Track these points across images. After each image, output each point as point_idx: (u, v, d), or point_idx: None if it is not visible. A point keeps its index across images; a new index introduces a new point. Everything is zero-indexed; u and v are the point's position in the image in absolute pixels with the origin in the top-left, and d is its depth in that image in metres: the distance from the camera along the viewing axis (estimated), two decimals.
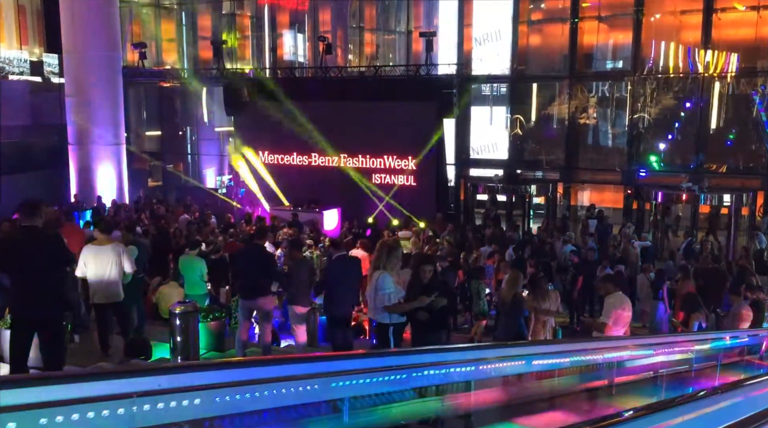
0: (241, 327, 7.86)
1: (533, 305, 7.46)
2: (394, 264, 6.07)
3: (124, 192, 20.40)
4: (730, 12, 18.25)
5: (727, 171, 18.18)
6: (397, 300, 5.96)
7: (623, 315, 6.12)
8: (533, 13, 20.71)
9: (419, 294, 5.77)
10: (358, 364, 3.57)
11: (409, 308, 5.91)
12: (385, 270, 6.02)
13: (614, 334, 6.00)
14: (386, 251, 6.12)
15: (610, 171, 19.12)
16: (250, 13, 24.95)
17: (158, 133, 24.59)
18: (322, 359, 3.62)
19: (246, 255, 8.03)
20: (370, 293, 6.12)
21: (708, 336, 7.25)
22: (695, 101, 18.42)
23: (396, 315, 6.03)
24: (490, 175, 19.56)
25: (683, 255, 13.92)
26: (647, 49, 18.88)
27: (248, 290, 7.65)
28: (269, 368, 3.19)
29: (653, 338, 7.03)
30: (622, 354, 5.32)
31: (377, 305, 5.98)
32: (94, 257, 7.21)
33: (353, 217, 18.32)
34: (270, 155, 20.88)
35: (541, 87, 20.77)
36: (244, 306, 7.79)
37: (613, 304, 6.12)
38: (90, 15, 19.22)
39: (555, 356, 4.57)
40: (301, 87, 20.29)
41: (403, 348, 5.51)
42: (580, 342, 5.45)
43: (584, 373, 5.13)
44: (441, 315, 5.79)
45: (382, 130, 18.90)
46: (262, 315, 7.81)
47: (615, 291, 6.25)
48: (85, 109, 19.59)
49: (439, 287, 5.93)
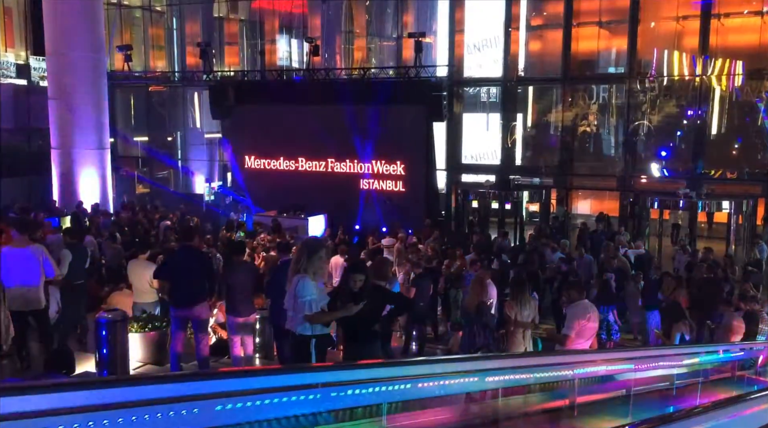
0: (174, 339, 7.13)
1: (511, 313, 6.77)
2: (318, 267, 5.22)
3: (108, 197, 19.92)
4: (733, 17, 17.86)
5: (726, 177, 17.59)
6: (320, 308, 5.18)
7: (588, 327, 5.48)
8: (526, 16, 20.28)
9: (348, 302, 5.11)
10: (242, 384, 3.00)
11: (334, 318, 5.28)
12: (306, 273, 5.17)
13: (578, 347, 5.39)
14: (307, 251, 5.24)
15: (605, 177, 18.56)
16: (240, 16, 24.59)
17: (146, 138, 24.14)
18: (196, 378, 3.04)
19: (177, 259, 7.24)
20: (288, 300, 5.26)
21: (688, 350, 6.63)
22: (693, 106, 17.93)
23: (319, 327, 5.23)
24: (482, 180, 18.99)
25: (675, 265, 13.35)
26: (643, 53, 18.47)
27: (180, 297, 6.94)
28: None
29: (622, 352, 6.40)
30: (585, 371, 4.72)
31: (296, 314, 5.15)
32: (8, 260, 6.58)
33: (340, 223, 17.78)
34: (256, 160, 20.40)
35: (533, 91, 20.31)
36: (176, 316, 7.08)
37: (576, 314, 5.47)
38: (73, 16, 18.78)
39: (496, 373, 3.98)
40: (289, 90, 19.82)
41: (311, 364, 4.84)
42: (530, 356, 4.84)
43: (541, 392, 4.54)
44: (385, 325, 5.19)
45: (370, 134, 18.41)
46: (198, 325, 7.10)
47: (579, 300, 5.61)
48: (67, 112, 19.13)
49: (373, 295, 5.30)
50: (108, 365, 5.95)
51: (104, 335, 6.01)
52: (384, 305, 5.36)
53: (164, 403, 2.82)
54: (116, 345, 6.04)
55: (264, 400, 3.05)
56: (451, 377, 3.61)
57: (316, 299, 5.11)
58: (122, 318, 6.27)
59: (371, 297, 5.14)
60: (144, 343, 7.35)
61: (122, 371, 6.09)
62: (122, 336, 6.16)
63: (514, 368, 4.37)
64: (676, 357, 6.00)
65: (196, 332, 7.08)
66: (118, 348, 6.07)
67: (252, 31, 24.31)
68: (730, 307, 8.33)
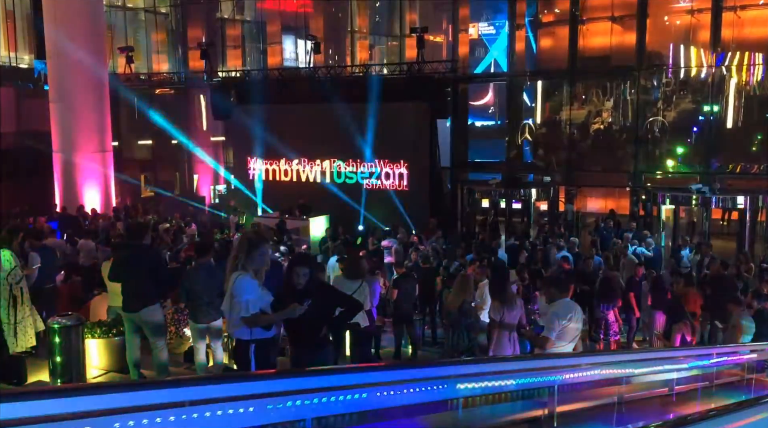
0: (130, 345, 6.71)
1: (497, 315, 6.32)
2: (258, 264, 4.74)
3: (111, 201, 19.75)
4: (750, 9, 17.34)
5: (741, 171, 16.99)
6: (260, 309, 4.71)
7: (569, 328, 5.01)
8: (533, 12, 19.91)
9: (291, 302, 4.61)
10: (150, 397, 2.62)
11: (275, 319, 4.78)
12: (244, 270, 4.69)
13: (560, 351, 4.95)
14: (246, 246, 4.74)
15: (615, 173, 18.03)
16: (243, 17, 24.38)
17: (150, 142, 23.94)
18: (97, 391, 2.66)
19: (124, 258, 6.76)
20: (225, 301, 4.80)
21: (687, 352, 6.16)
22: (706, 101, 17.38)
23: (259, 330, 4.73)
24: (488, 178, 18.54)
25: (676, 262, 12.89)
26: (652, 47, 17.98)
27: (129, 300, 6.50)
28: None
29: (609, 355, 5.93)
30: (565, 376, 4.29)
31: (233, 316, 4.68)
32: None
33: (343, 224, 17.42)
34: (258, 160, 20.13)
35: (542, 87, 19.85)
36: (128, 320, 6.66)
37: (557, 314, 5.01)
38: (74, 18, 18.62)
39: (460, 380, 3.58)
40: (291, 89, 19.52)
41: (245, 372, 4.41)
42: (499, 362, 4.40)
43: (515, 401, 4.12)
44: (337, 327, 4.77)
45: (374, 132, 18.02)
46: (151, 330, 6.64)
47: (561, 298, 5.14)
48: (69, 115, 18.99)
49: (319, 294, 4.80)
50: (63, 374, 5.60)
51: (57, 341, 5.66)
52: (333, 305, 4.92)
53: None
54: (71, 352, 5.69)
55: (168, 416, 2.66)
56: (384, 388, 3.23)
57: (254, 299, 4.65)
58: (77, 323, 5.91)
59: (318, 297, 4.70)
60: (107, 350, 7.00)
61: (78, 380, 5.74)
62: (77, 342, 5.81)
63: (466, 376, 3.94)
64: (673, 360, 5.54)
65: (150, 337, 6.66)
66: (73, 355, 5.70)
67: (255, 32, 24.09)
68: (739, 306, 7.82)
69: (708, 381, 6.84)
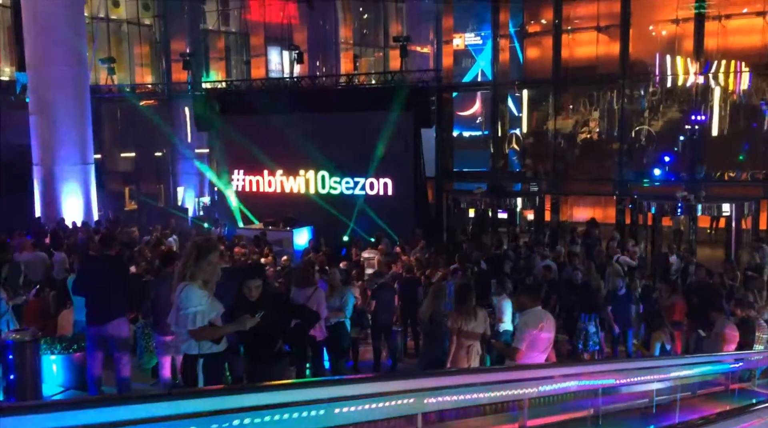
0: (91, 361, 6.43)
1: (455, 325, 6.12)
2: (208, 273, 4.42)
3: (92, 214, 19.47)
4: (734, 19, 17.41)
5: (726, 179, 16.94)
6: (209, 321, 4.39)
7: (541, 337, 4.81)
8: (517, 22, 19.91)
9: (243, 314, 4.38)
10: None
11: (225, 332, 4.50)
12: (192, 280, 4.39)
13: (531, 362, 4.75)
14: (195, 254, 4.43)
15: (600, 181, 17.94)
16: (227, 29, 24.27)
17: (133, 154, 23.71)
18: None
19: (91, 269, 6.52)
20: (171, 314, 4.52)
21: (666, 362, 5.98)
22: (691, 109, 17.37)
23: (207, 344, 4.41)
24: (473, 188, 18.42)
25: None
26: (638, 56, 18.07)
27: (95, 313, 6.24)
28: None
29: (582, 366, 5.74)
30: (536, 388, 4.09)
31: (180, 329, 4.42)
32: None
33: (328, 235, 17.23)
34: (241, 171, 19.94)
35: (527, 96, 19.81)
36: (91, 334, 6.37)
37: (527, 323, 4.81)
38: (54, 30, 18.40)
39: (408, 395, 3.38)
40: (274, 100, 19.35)
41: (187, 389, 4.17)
42: (461, 374, 4.18)
43: (480, 416, 3.92)
44: (293, 339, 4.54)
45: (357, 141, 17.87)
46: (116, 344, 6.36)
47: (532, 307, 4.95)
48: (49, 128, 18.77)
49: (274, 306, 4.60)
50: (17, 391, 5.35)
51: (11, 359, 5.41)
52: (288, 317, 4.70)
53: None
54: (25, 368, 5.43)
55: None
56: (338, 404, 3.03)
57: (203, 310, 4.36)
58: (32, 339, 5.65)
59: (272, 309, 4.47)
60: (68, 366, 6.74)
61: (32, 398, 5.49)
62: (33, 358, 5.56)
63: (418, 391, 3.73)
64: (653, 370, 5.35)
65: (114, 351, 6.38)
66: (28, 372, 5.45)
67: (239, 44, 23.98)
68: (722, 314, 7.65)
69: (690, 391, 6.66)
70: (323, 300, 7.08)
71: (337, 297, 7.66)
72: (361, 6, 24.51)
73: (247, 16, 24.45)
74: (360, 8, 24.79)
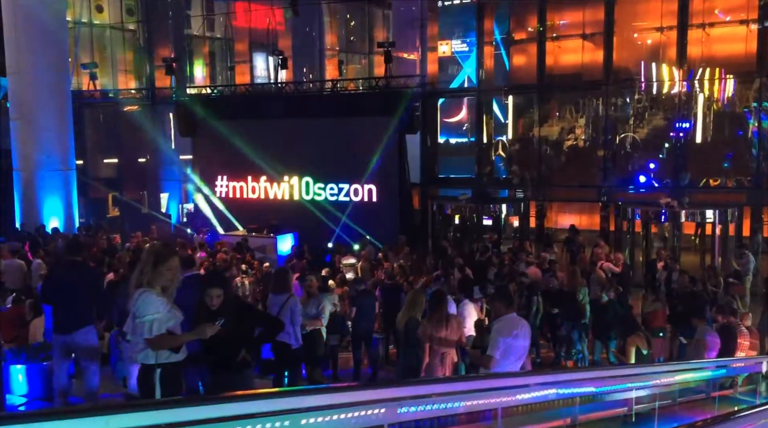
0: (58, 370, 6.23)
1: (428, 332, 5.99)
2: (167, 280, 4.24)
3: (74, 221, 19.23)
4: (718, 27, 17.50)
5: (710, 186, 16.97)
6: (167, 330, 4.21)
7: (515, 345, 4.70)
8: (505, 29, 19.93)
9: (203, 323, 4.22)
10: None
11: (183, 341, 4.30)
12: (149, 287, 4.21)
13: (505, 370, 4.64)
14: (153, 259, 4.26)
15: (585, 188, 17.93)
16: (212, 34, 24.13)
17: (116, 160, 23.45)
18: None
19: (58, 276, 6.34)
20: (127, 322, 4.33)
21: (643, 370, 5.88)
22: (676, 116, 17.40)
23: (165, 353, 4.22)
24: (458, 194, 18.36)
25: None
26: (623, 63, 18.10)
27: (61, 321, 6.06)
28: None
29: (558, 374, 5.63)
30: (509, 398, 3.99)
31: (136, 338, 4.24)
32: None
33: (313, 242, 17.09)
34: (225, 177, 19.79)
35: (513, 103, 19.78)
36: (58, 343, 6.18)
37: (501, 330, 4.68)
38: (35, 34, 18.21)
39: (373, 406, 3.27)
40: (258, 106, 19.26)
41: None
42: (430, 383, 4.06)
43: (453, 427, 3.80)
44: (254, 348, 4.38)
45: (341, 147, 17.81)
46: (84, 353, 6.18)
47: (506, 313, 4.83)
48: (30, 133, 18.52)
49: (236, 314, 4.41)
50: None
51: None
52: (252, 326, 4.56)
53: None
54: None
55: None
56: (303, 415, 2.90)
57: (160, 318, 4.19)
58: None
59: (235, 317, 4.33)
60: (35, 376, 6.55)
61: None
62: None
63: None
64: (631, 378, 5.25)
65: (82, 360, 6.20)
66: None
67: (224, 49, 23.85)
68: (703, 321, 7.59)
69: (670, 399, 6.58)
70: (297, 307, 6.96)
71: (314, 304, 7.55)
72: (348, 13, 24.47)
73: (232, 22, 24.33)
74: (348, 15, 24.74)
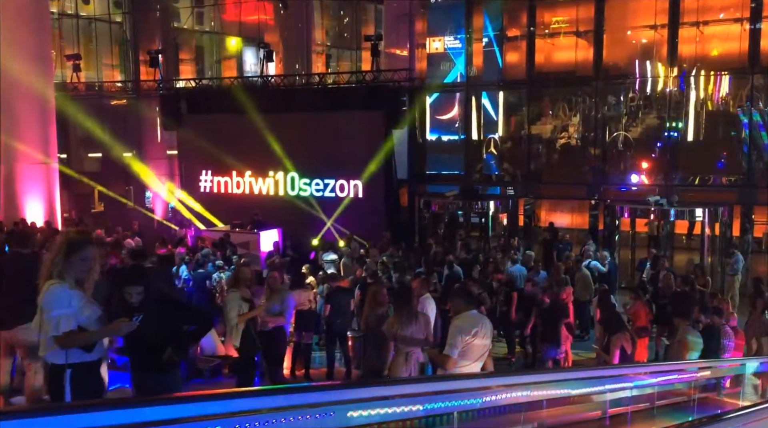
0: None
1: (393, 330, 5.72)
2: (80, 270, 3.87)
3: (55, 215, 18.89)
4: (711, 25, 17.30)
5: (699, 183, 16.77)
6: (77, 326, 3.83)
7: (475, 345, 4.41)
8: (497, 26, 19.68)
9: (119, 318, 3.85)
10: None
11: (95, 338, 3.88)
12: (60, 279, 3.85)
13: (464, 371, 4.37)
14: (65, 249, 3.89)
15: (573, 185, 17.71)
16: (201, 27, 23.83)
17: (100, 154, 23.10)
18: None
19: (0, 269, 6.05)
20: (36, 318, 3.95)
21: (622, 370, 5.63)
22: (668, 115, 17.21)
23: (77, 352, 3.83)
24: (445, 191, 18.11)
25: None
26: (616, 61, 17.99)
27: (4, 316, 5.78)
28: None
29: (522, 376, 5.36)
30: (467, 401, 3.72)
31: (43, 335, 3.85)
32: None
33: (298, 238, 16.84)
34: (209, 172, 19.49)
35: (504, 100, 19.52)
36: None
37: (461, 328, 4.40)
38: (17, 25, 17.85)
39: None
40: (244, 99, 18.93)
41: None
42: (378, 386, 3.78)
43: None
44: (183, 348, 4.08)
45: (326, 142, 17.52)
46: (25, 350, 5.83)
47: (466, 311, 4.54)
48: (9, 125, 18.14)
49: (160, 310, 4.12)
50: None
51: None
52: (178, 322, 4.27)
53: None
54: None
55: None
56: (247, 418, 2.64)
57: (69, 314, 3.82)
58: None
59: (156, 314, 4.03)
60: None
61: None
62: None
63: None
64: (603, 380, 5.00)
65: (23, 358, 5.89)
66: None
67: (212, 43, 23.56)
68: (685, 321, 7.33)
69: (649, 401, 6.32)
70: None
71: (277, 300, 7.26)
72: (339, 8, 24.24)
73: (221, 15, 24.04)
74: (341, 11, 24.50)
